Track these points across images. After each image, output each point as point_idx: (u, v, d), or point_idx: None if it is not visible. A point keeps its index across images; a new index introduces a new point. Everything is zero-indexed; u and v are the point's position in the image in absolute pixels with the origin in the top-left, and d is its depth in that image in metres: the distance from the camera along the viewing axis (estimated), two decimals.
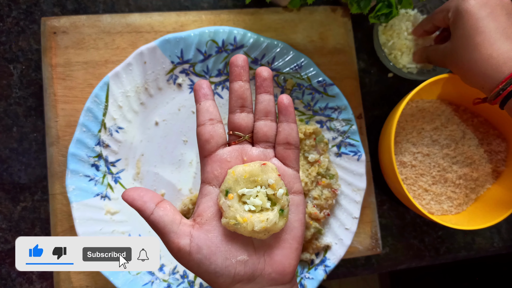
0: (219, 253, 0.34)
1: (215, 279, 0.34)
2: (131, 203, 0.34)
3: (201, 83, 0.38)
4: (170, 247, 0.34)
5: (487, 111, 0.57)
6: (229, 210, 0.34)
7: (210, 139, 0.36)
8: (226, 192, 0.34)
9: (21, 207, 0.52)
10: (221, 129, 0.37)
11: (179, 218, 0.34)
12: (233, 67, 0.38)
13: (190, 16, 0.55)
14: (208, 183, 0.36)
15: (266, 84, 0.38)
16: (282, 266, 0.35)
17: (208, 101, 0.38)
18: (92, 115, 0.50)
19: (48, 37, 0.52)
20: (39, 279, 0.52)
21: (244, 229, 0.34)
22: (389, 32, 0.59)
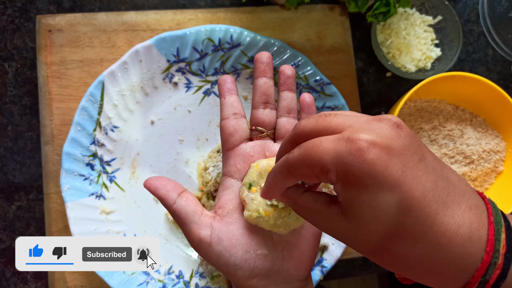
0: (239, 245, 0.34)
1: (233, 272, 0.34)
2: (154, 191, 0.34)
3: (225, 78, 0.39)
4: (191, 237, 0.34)
5: (486, 111, 0.57)
6: (252, 203, 0.34)
7: (234, 132, 0.37)
8: (250, 185, 0.35)
9: (16, 206, 0.52)
10: (244, 123, 0.38)
11: (201, 209, 0.35)
12: (258, 63, 0.39)
13: (187, 14, 0.55)
14: (230, 176, 0.37)
15: (289, 82, 0.39)
16: (300, 262, 0.35)
17: (232, 95, 0.38)
18: (87, 114, 0.49)
19: (43, 35, 0.52)
20: (34, 278, 0.52)
21: (266, 222, 0.33)
22: (387, 31, 0.58)
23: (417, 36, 0.58)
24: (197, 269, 0.51)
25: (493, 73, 0.64)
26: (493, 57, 0.64)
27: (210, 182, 0.50)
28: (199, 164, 0.53)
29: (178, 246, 0.52)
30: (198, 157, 0.54)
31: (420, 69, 0.59)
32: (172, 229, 0.52)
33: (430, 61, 0.59)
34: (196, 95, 0.54)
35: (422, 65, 0.58)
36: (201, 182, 0.53)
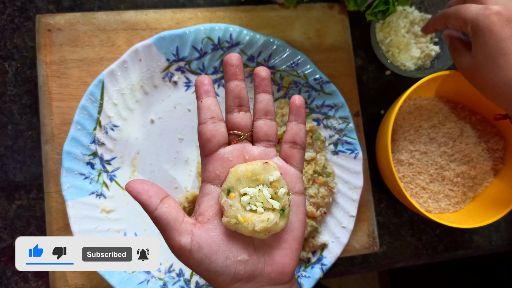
0: (220, 252, 0.34)
1: (215, 278, 0.34)
2: (135, 196, 0.34)
3: (202, 79, 0.37)
4: (171, 244, 0.34)
5: (485, 109, 0.57)
6: (230, 210, 0.34)
7: (211, 138, 0.36)
8: (228, 191, 0.34)
9: (16, 205, 0.52)
10: (222, 128, 0.37)
11: (182, 216, 0.34)
12: (227, 66, 0.37)
13: (186, 13, 0.55)
14: (209, 182, 0.36)
15: (264, 83, 0.38)
16: (282, 266, 0.35)
17: (209, 98, 0.37)
18: (87, 113, 0.50)
19: (43, 34, 0.52)
20: (35, 277, 0.52)
21: (245, 228, 0.33)
22: (387, 29, 0.58)
23: (416, 34, 0.58)
24: None
25: None
26: None
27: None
28: (198, 163, 0.53)
29: None
30: (198, 155, 0.54)
31: (419, 67, 0.59)
32: None
33: (429, 59, 0.59)
34: None
35: (421, 63, 0.59)
36: (200, 180, 0.53)
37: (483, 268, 0.89)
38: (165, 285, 0.50)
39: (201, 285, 0.51)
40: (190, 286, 0.51)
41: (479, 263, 0.89)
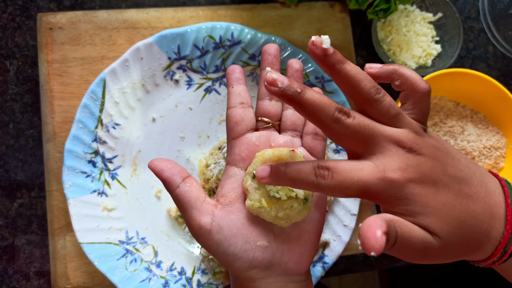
0: (239, 235, 0.34)
1: (232, 262, 0.34)
2: (158, 173, 0.34)
3: (234, 68, 0.39)
4: (191, 224, 0.34)
5: (486, 107, 0.57)
6: (255, 193, 0.34)
7: (240, 121, 0.37)
8: (254, 174, 0.34)
9: (18, 204, 0.52)
10: (251, 113, 0.38)
11: (204, 196, 0.35)
12: (266, 55, 0.39)
13: (187, 12, 0.55)
14: (234, 165, 0.37)
15: (297, 75, 0.39)
16: (300, 256, 0.35)
17: (240, 85, 0.39)
18: (88, 111, 0.50)
19: (44, 33, 0.52)
20: (36, 276, 0.52)
21: (267, 214, 0.33)
22: (388, 28, 0.58)
23: (417, 33, 0.58)
24: (199, 265, 0.52)
25: (493, 70, 0.64)
26: (493, 53, 0.64)
27: (211, 179, 0.50)
28: (200, 161, 0.53)
29: (180, 242, 0.52)
30: (200, 154, 0.54)
31: (421, 66, 0.59)
32: (174, 226, 0.52)
33: (430, 58, 0.59)
34: (197, 93, 0.54)
35: (422, 62, 0.59)
36: (202, 179, 0.53)
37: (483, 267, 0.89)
38: (167, 284, 0.50)
39: (202, 283, 0.51)
40: (192, 284, 0.51)
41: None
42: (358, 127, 0.29)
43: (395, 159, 0.29)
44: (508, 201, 0.31)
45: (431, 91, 0.33)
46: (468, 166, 0.32)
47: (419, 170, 0.29)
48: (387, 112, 0.30)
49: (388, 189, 0.29)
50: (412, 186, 0.29)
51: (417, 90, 0.32)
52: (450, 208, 0.29)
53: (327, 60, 0.29)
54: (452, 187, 0.30)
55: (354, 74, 0.30)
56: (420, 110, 0.32)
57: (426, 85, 0.32)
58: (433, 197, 0.29)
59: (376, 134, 0.30)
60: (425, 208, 0.29)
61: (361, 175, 0.29)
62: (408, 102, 0.33)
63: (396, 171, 0.29)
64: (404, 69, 0.33)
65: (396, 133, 0.30)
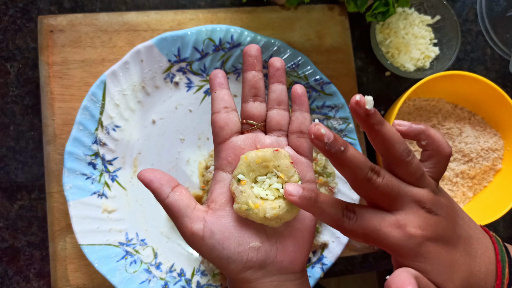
0: (232, 238, 0.34)
1: (226, 265, 0.34)
2: (147, 184, 0.35)
3: (216, 73, 0.39)
4: (184, 231, 0.34)
5: (484, 109, 0.57)
6: (241, 196, 0.34)
7: (224, 126, 0.37)
8: (238, 178, 0.35)
9: (18, 205, 0.52)
10: (235, 117, 0.38)
11: (194, 203, 0.35)
12: (246, 57, 0.39)
13: (187, 14, 0.55)
14: (221, 170, 0.37)
15: (278, 74, 0.39)
16: (294, 254, 0.36)
17: (223, 89, 0.38)
18: (89, 113, 0.50)
19: (45, 35, 0.52)
20: (36, 277, 0.52)
21: (255, 215, 0.34)
22: (386, 31, 0.59)
23: (415, 36, 0.59)
24: (199, 267, 0.52)
25: (491, 72, 0.65)
26: (491, 56, 0.65)
27: (211, 181, 0.51)
28: (200, 163, 0.54)
29: (180, 244, 0.52)
30: (199, 156, 0.54)
31: (419, 68, 0.59)
32: (174, 228, 0.52)
33: (428, 60, 0.59)
34: (197, 95, 0.54)
35: (421, 64, 0.59)
36: (202, 181, 0.53)
37: None
38: (166, 285, 0.50)
39: (202, 285, 0.51)
40: (191, 285, 0.51)
41: None
42: (387, 187, 0.31)
43: (417, 217, 0.32)
44: (498, 257, 0.35)
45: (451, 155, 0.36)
46: (470, 225, 0.35)
47: (436, 230, 0.32)
48: (414, 173, 0.32)
49: (406, 243, 0.31)
50: (428, 244, 0.32)
51: (441, 153, 0.34)
52: (458, 268, 0.32)
53: (368, 120, 0.30)
54: (459, 247, 0.33)
55: (390, 136, 0.31)
56: (439, 170, 0.35)
57: (450, 149, 0.35)
58: (445, 256, 0.32)
59: (401, 194, 0.32)
60: (438, 267, 0.32)
61: (383, 225, 0.31)
62: (430, 161, 0.35)
63: (417, 228, 0.31)
64: (431, 130, 0.35)
65: (419, 194, 0.32)
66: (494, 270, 0.34)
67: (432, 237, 0.32)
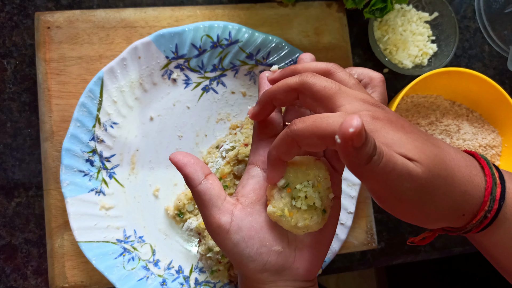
0: (257, 238, 0.34)
1: (246, 263, 0.34)
2: (180, 167, 0.34)
3: (266, 74, 0.39)
4: (210, 221, 0.33)
5: (482, 106, 0.57)
6: (279, 201, 0.33)
7: (269, 124, 0.37)
8: (287, 184, 0.34)
9: (16, 202, 0.52)
10: (280, 118, 0.38)
11: (224, 194, 0.34)
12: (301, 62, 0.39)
13: (185, 11, 0.55)
14: (257, 165, 0.36)
15: None
16: (310, 264, 0.35)
17: None
18: (86, 110, 0.50)
19: (42, 32, 0.52)
20: (34, 275, 0.52)
21: (287, 222, 0.33)
22: (384, 27, 0.59)
23: (413, 33, 0.59)
24: (197, 264, 0.52)
25: (489, 69, 0.65)
26: (489, 53, 0.65)
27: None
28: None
29: (178, 241, 0.52)
30: (197, 153, 0.54)
31: (417, 65, 0.59)
32: (172, 224, 0.52)
33: (426, 57, 0.59)
34: (195, 92, 0.54)
35: (419, 61, 0.59)
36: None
37: (480, 265, 0.90)
38: (164, 282, 0.50)
39: (200, 282, 0.51)
40: (189, 282, 0.51)
41: (476, 259, 0.90)
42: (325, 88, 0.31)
43: (363, 107, 0.30)
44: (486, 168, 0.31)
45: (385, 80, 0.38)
46: None
47: (388, 117, 0.30)
48: (348, 80, 0.33)
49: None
50: (382, 123, 0.29)
51: (373, 77, 0.38)
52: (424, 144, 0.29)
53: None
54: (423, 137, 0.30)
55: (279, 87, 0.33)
56: (379, 93, 0.36)
57: (380, 74, 0.38)
58: (405, 135, 0.29)
59: (342, 91, 0.31)
60: (399, 140, 0.28)
61: (331, 121, 0.28)
62: (366, 89, 0.36)
63: (366, 112, 0.29)
64: (355, 67, 0.38)
65: (362, 94, 0.31)
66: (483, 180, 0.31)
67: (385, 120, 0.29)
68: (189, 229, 0.51)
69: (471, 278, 0.96)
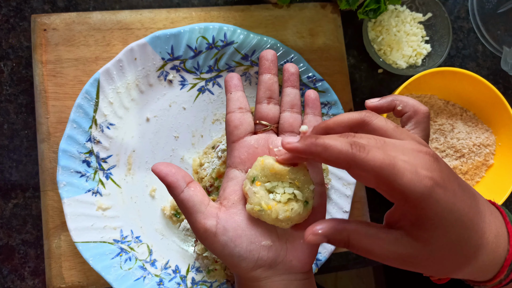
0: (244, 236, 0.34)
1: (238, 263, 0.34)
2: (163, 177, 0.35)
3: (232, 75, 0.41)
4: (196, 227, 0.34)
5: (476, 105, 0.58)
6: (254, 197, 0.34)
7: (239, 125, 0.38)
8: (253, 179, 0.35)
9: (13, 204, 0.52)
10: (249, 118, 0.39)
11: (208, 200, 0.35)
12: (263, 60, 0.41)
13: (181, 13, 0.56)
14: (234, 167, 0.38)
15: (293, 78, 0.41)
16: (303, 254, 0.36)
17: (238, 91, 0.40)
18: (82, 111, 0.50)
19: (38, 34, 0.52)
20: (31, 275, 0.52)
21: (268, 216, 0.34)
22: (378, 28, 0.59)
23: (407, 33, 0.59)
24: (194, 263, 0.52)
25: (483, 69, 0.65)
26: (483, 53, 0.65)
27: (205, 178, 0.51)
28: (194, 160, 0.54)
29: (174, 241, 0.52)
30: (193, 153, 0.54)
31: (411, 65, 0.60)
32: (168, 224, 0.53)
33: (420, 57, 0.60)
34: (191, 93, 0.54)
35: (413, 62, 0.59)
36: (196, 178, 0.53)
37: None
38: (161, 282, 0.50)
39: (197, 281, 0.51)
40: (186, 282, 0.51)
41: None
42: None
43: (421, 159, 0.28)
44: (506, 219, 0.32)
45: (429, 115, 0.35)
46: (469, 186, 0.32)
47: (441, 175, 0.28)
48: (386, 126, 0.31)
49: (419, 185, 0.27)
50: (437, 189, 0.27)
51: (418, 111, 0.34)
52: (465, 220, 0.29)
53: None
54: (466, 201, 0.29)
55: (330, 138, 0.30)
56: (422, 130, 0.34)
57: (426, 108, 0.34)
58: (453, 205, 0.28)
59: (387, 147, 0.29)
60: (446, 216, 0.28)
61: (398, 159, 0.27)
62: (410, 123, 0.34)
63: (426, 170, 0.28)
64: (402, 96, 0.35)
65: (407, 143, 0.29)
66: (505, 233, 0.31)
67: (440, 183, 0.28)
68: (185, 229, 0.51)
69: None
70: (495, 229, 0.31)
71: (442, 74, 0.53)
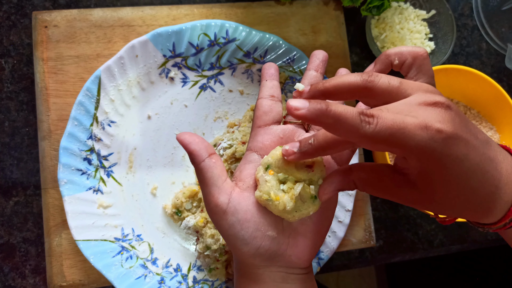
0: (252, 222, 0.34)
1: (240, 246, 0.34)
2: (186, 145, 0.35)
3: (270, 65, 0.41)
4: (209, 200, 0.34)
5: (480, 103, 0.57)
6: (265, 185, 0.34)
7: (268, 112, 0.38)
8: (268, 166, 0.34)
9: (14, 202, 0.52)
10: (279, 107, 0.39)
11: (225, 175, 0.35)
12: (314, 58, 0.41)
13: (182, 9, 0.55)
14: (255, 151, 0.37)
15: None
16: (303, 252, 0.36)
17: (274, 81, 0.40)
18: (84, 108, 0.50)
19: (39, 31, 0.52)
20: (32, 274, 0.52)
21: (275, 207, 0.34)
22: (382, 25, 0.59)
23: (411, 30, 0.59)
24: (195, 262, 0.52)
25: (487, 67, 0.65)
26: (487, 50, 0.65)
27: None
28: None
29: (176, 239, 0.52)
30: None
31: None
32: (170, 223, 0.52)
33: None
34: (192, 90, 0.54)
35: None
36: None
37: (478, 262, 0.90)
38: (162, 280, 0.50)
39: (198, 280, 0.51)
40: (187, 280, 0.51)
41: (474, 257, 0.90)
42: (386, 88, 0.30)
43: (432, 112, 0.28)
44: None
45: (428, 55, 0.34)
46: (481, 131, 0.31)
47: (454, 126, 0.28)
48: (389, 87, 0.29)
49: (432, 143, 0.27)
50: (451, 142, 0.27)
51: (416, 55, 0.33)
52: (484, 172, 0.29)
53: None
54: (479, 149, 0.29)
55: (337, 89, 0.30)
56: (425, 73, 0.33)
57: (423, 48, 0.33)
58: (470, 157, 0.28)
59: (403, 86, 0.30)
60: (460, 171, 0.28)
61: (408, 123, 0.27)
62: (412, 70, 0.33)
63: (439, 123, 0.27)
64: (393, 48, 0.34)
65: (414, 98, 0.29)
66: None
67: (453, 135, 0.27)
68: (187, 227, 0.51)
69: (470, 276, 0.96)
70: (506, 176, 0.30)
71: (445, 71, 0.52)
